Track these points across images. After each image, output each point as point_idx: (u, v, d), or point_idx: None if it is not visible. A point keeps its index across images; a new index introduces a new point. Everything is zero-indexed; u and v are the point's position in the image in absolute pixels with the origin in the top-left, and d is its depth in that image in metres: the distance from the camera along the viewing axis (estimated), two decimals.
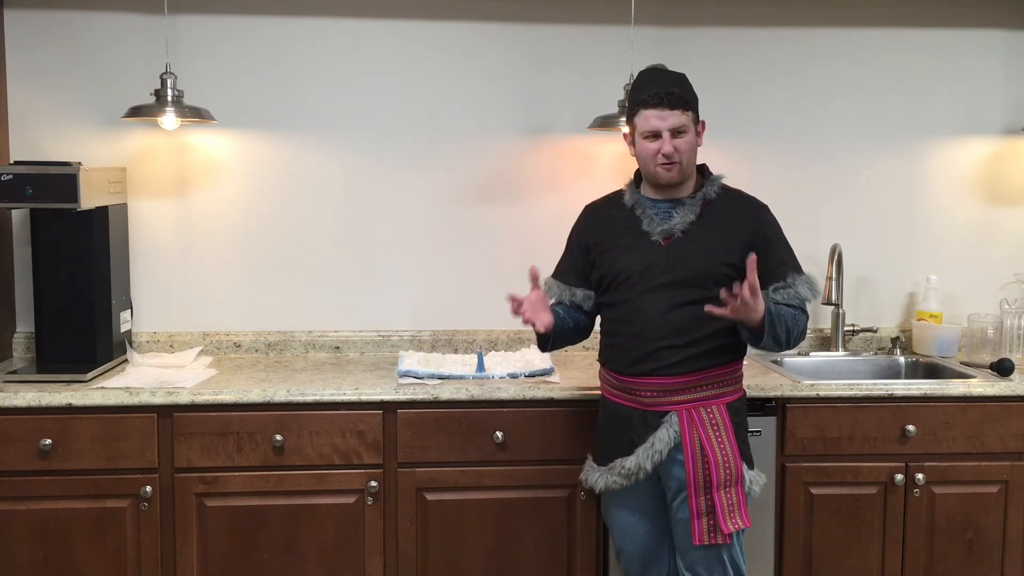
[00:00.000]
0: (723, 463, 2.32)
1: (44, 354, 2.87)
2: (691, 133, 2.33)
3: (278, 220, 3.17)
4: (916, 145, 3.33)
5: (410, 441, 2.68)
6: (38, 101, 3.06)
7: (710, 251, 2.32)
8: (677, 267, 2.32)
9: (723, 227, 2.35)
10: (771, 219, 2.41)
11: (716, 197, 2.38)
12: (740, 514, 2.33)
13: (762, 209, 2.41)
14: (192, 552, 2.66)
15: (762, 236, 2.36)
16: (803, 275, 2.38)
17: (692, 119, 2.33)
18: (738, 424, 2.38)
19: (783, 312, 2.31)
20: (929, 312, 3.25)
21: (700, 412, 2.33)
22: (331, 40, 3.13)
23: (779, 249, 2.38)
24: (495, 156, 3.22)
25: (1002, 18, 3.30)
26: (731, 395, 2.39)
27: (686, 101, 2.31)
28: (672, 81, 2.34)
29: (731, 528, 2.31)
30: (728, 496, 2.32)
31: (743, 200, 2.42)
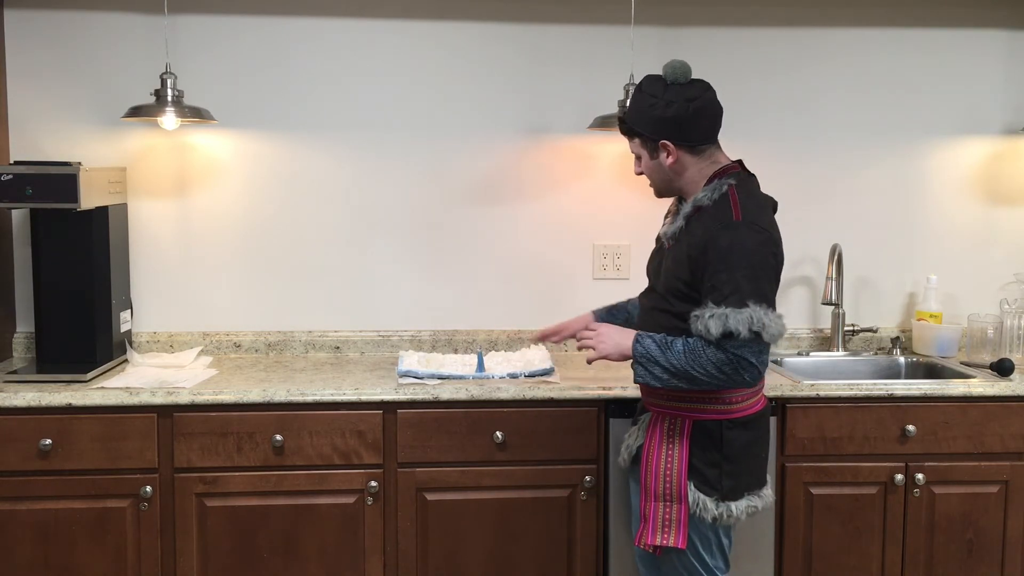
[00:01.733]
0: (664, 475, 2.25)
1: (44, 354, 2.87)
2: (644, 157, 2.29)
3: (278, 220, 3.17)
4: (916, 145, 3.33)
5: (410, 441, 2.68)
6: (38, 101, 3.06)
7: (674, 263, 2.26)
8: (658, 274, 2.34)
9: (688, 240, 2.21)
10: (727, 239, 2.12)
11: (709, 204, 2.21)
12: (676, 533, 2.23)
13: (724, 228, 2.14)
14: (192, 552, 2.66)
15: (703, 256, 2.15)
16: (724, 309, 2.09)
17: (641, 144, 2.28)
18: (702, 445, 2.24)
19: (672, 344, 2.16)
20: (929, 312, 3.25)
21: (664, 420, 2.29)
22: (331, 40, 3.13)
23: (716, 273, 2.12)
24: (495, 156, 3.22)
25: (1002, 18, 3.30)
26: (705, 414, 2.24)
27: (628, 130, 2.30)
28: (630, 106, 2.32)
29: (656, 541, 2.24)
30: (667, 510, 2.25)
31: (716, 213, 2.18)
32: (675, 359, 2.15)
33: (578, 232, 3.25)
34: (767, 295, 2.14)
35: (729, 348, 2.10)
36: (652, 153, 2.28)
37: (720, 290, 2.11)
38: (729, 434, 2.24)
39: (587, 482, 2.72)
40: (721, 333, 2.09)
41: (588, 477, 2.72)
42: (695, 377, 2.14)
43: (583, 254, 3.27)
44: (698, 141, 2.25)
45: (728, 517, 2.24)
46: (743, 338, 2.09)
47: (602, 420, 2.72)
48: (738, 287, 2.10)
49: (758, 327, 2.08)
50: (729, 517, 2.24)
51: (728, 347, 2.10)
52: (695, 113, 2.23)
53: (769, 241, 2.17)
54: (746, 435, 2.27)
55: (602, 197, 3.24)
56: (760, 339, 2.11)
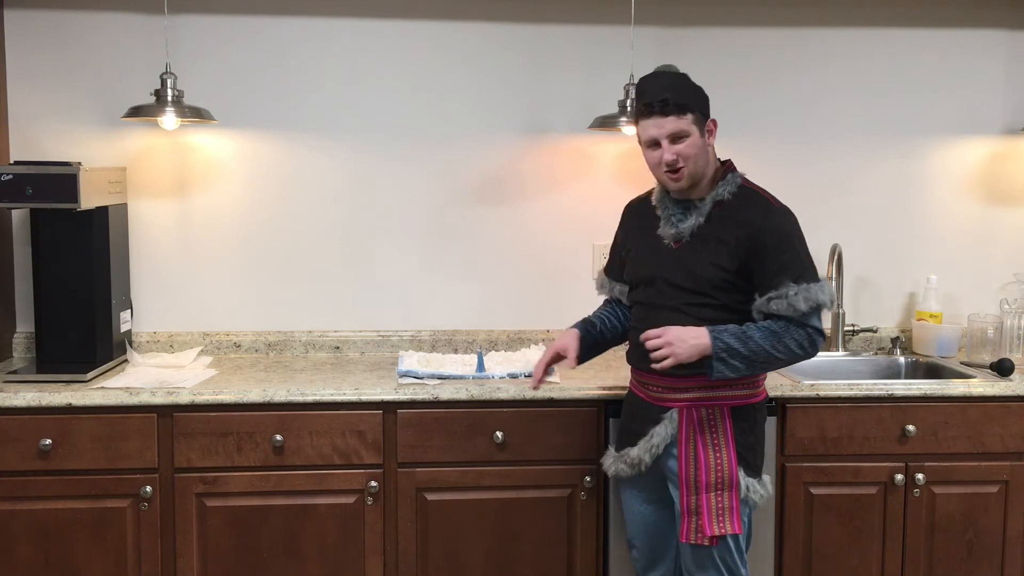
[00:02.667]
0: (715, 466, 2.29)
1: (44, 354, 2.87)
2: (693, 135, 2.25)
3: (278, 220, 3.17)
4: (916, 145, 3.33)
5: (410, 441, 2.68)
6: (38, 101, 3.06)
7: (710, 255, 2.27)
8: (682, 273, 2.30)
9: (726, 230, 2.27)
10: (778, 223, 2.27)
11: (730, 198, 2.29)
12: (730, 519, 2.28)
13: (769, 212, 2.28)
14: (192, 552, 2.66)
15: (760, 241, 2.24)
16: (805, 285, 2.22)
17: (693, 121, 2.25)
18: (743, 429, 2.33)
19: (750, 333, 2.22)
20: (929, 312, 3.25)
21: (701, 411, 2.31)
22: (331, 40, 3.13)
23: (780, 255, 2.23)
24: (495, 156, 3.22)
25: (1002, 18, 3.30)
26: (740, 399, 2.34)
27: (681, 105, 2.24)
28: (666, 87, 2.27)
29: (715, 531, 2.27)
30: (719, 500, 2.28)
31: (753, 202, 2.30)
32: (755, 346, 2.21)
33: (578, 232, 3.25)
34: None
35: (808, 322, 2.23)
36: (702, 132, 2.29)
37: (791, 269, 2.23)
38: (759, 415, 2.38)
39: (587, 482, 2.72)
40: (810, 307, 2.21)
41: (588, 477, 2.72)
42: (776, 360, 2.24)
43: (583, 254, 3.27)
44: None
45: (766, 495, 2.36)
46: (825, 309, 2.25)
47: (602, 420, 2.72)
48: (806, 265, 2.26)
49: (834, 297, 2.30)
50: (766, 495, 2.36)
51: (807, 321, 2.23)
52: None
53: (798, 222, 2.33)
54: (763, 415, 2.41)
55: (602, 197, 3.24)
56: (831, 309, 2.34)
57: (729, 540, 2.33)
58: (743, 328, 2.24)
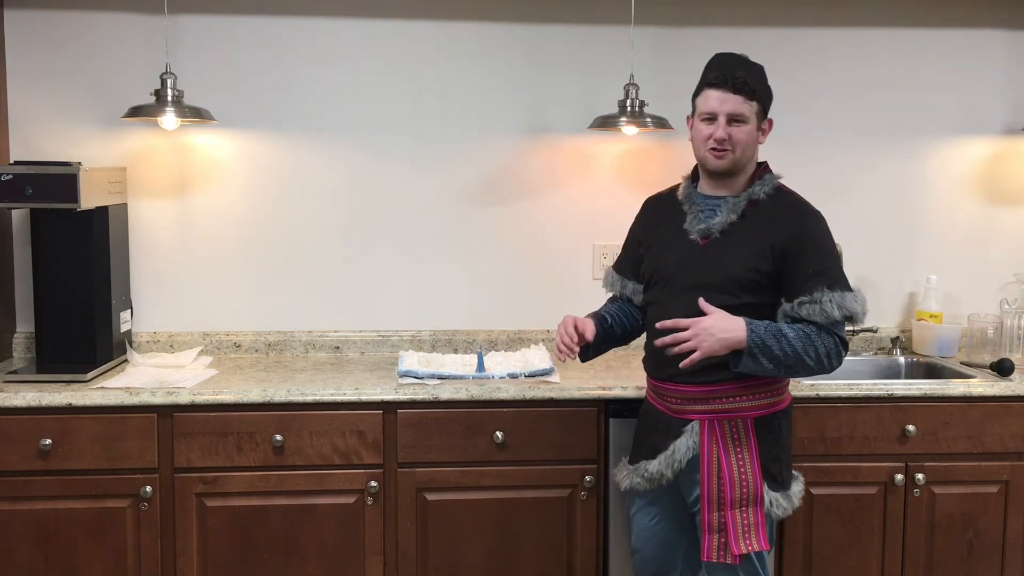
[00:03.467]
0: (739, 481, 2.21)
1: (44, 354, 2.87)
2: (751, 124, 2.22)
3: (278, 220, 3.17)
4: (916, 145, 3.33)
5: (410, 441, 2.68)
6: (38, 101, 3.06)
7: (741, 255, 2.21)
8: (708, 269, 2.23)
9: (760, 230, 2.21)
10: (814, 227, 2.23)
11: (765, 198, 2.25)
12: (757, 536, 2.20)
13: (806, 215, 2.24)
14: (192, 552, 2.66)
15: (797, 244, 2.19)
16: (838, 292, 2.17)
17: (756, 111, 2.22)
18: (767, 441, 2.25)
19: (785, 331, 2.15)
20: (929, 312, 3.25)
21: (723, 424, 2.23)
22: (331, 40, 3.13)
23: (815, 260, 2.18)
24: (495, 156, 3.22)
25: (1002, 18, 3.30)
26: (763, 409, 2.26)
27: (752, 89, 2.20)
28: (742, 66, 2.23)
29: (743, 549, 2.19)
30: (744, 516, 2.21)
31: (789, 203, 2.26)
32: (788, 347, 2.14)
33: (578, 232, 3.25)
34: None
35: (837, 332, 2.18)
36: (759, 124, 2.26)
37: (827, 275, 2.18)
38: (783, 424, 2.30)
39: (587, 482, 2.72)
40: (842, 315, 2.17)
41: (588, 477, 2.72)
42: (804, 365, 2.16)
43: (583, 254, 3.27)
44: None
45: (791, 508, 2.29)
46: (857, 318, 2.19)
47: (602, 420, 2.72)
48: (840, 273, 2.23)
49: (866, 308, 2.21)
50: (791, 508, 2.29)
51: (836, 331, 2.18)
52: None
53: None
54: (788, 423, 2.34)
55: (602, 197, 3.24)
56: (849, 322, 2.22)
57: (753, 556, 2.25)
58: (778, 326, 2.16)
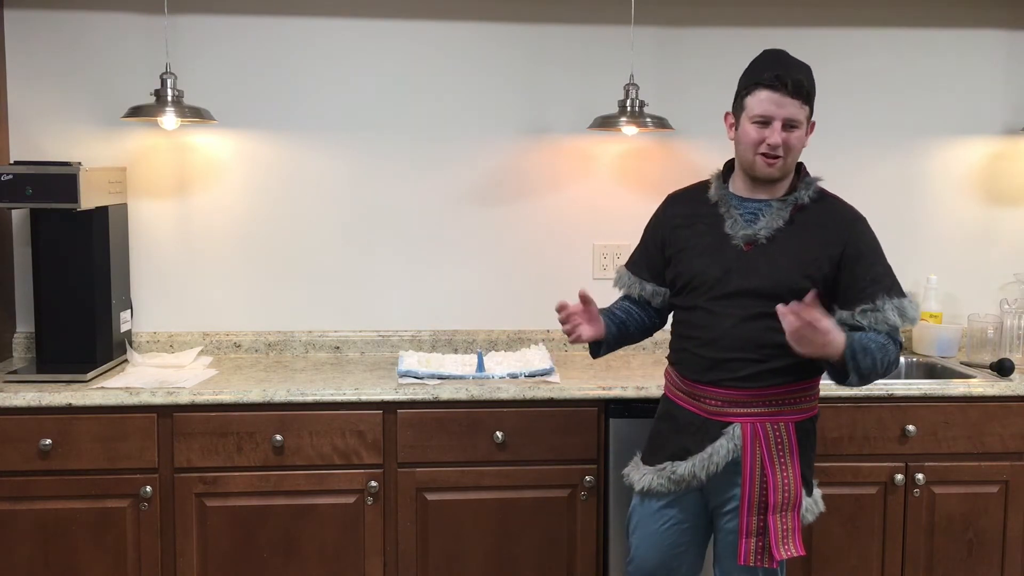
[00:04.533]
0: (783, 486, 2.16)
1: (44, 354, 2.87)
2: (802, 130, 2.16)
3: (278, 220, 3.17)
4: (916, 145, 3.33)
5: (410, 441, 2.68)
6: (38, 101, 3.06)
7: (794, 262, 2.14)
8: (757, 276, 2.15)
9: (812, 237, 2.15)
10: (867, 232, 2.19)
11: (809, 202, 2.19)
12: (794, 541, 2.16)
13: (858, 221, 2.19)
14: (192, 552, 2.66)
15: (854, 250, 2.14)
16: (896, 299, 2.13)
17: (807, 116, 2.17)
18: (807, 447, 2.22)
19: (869, 344, 2.07)
20: (929, 312, 3.25)
21: (766, 428, 2.17)
22: (331, 40, 3.13)
23: (873, 267, 2.14)
24: (495, 156, 3.22)
25: (1002, 18, 3.30)
26: (801, 413, 2.21)
27: (809, 94, 2.14)
28: (799, 68, 2.16)
29: (783, 555, 2.15)
30: (784, 521, 2.16)
31: (838, 209, 2.21)
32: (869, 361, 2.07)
33: (578, 232, 3.25)
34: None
35: (896, 337, 2.14)
36: (807, 126, 2.19)
37: (882, 282, 2.15)
38: (816, 428, 2.29)
39: (587, 482, 2.72)
40: (904, 322, 2.13)
41: (588, 477, 2.72)
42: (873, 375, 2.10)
43: (583, 254, 3.27)
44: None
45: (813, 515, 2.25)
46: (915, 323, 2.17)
47: (602, 420, 2.72)
48: (894, 279, 2.18)
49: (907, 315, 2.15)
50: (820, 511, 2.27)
51: (896, 337, 2.14)
52: None
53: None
54: (817, 428, 2.30)
55: (602, 197, 3.24)
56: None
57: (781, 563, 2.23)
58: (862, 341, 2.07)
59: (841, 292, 2.16)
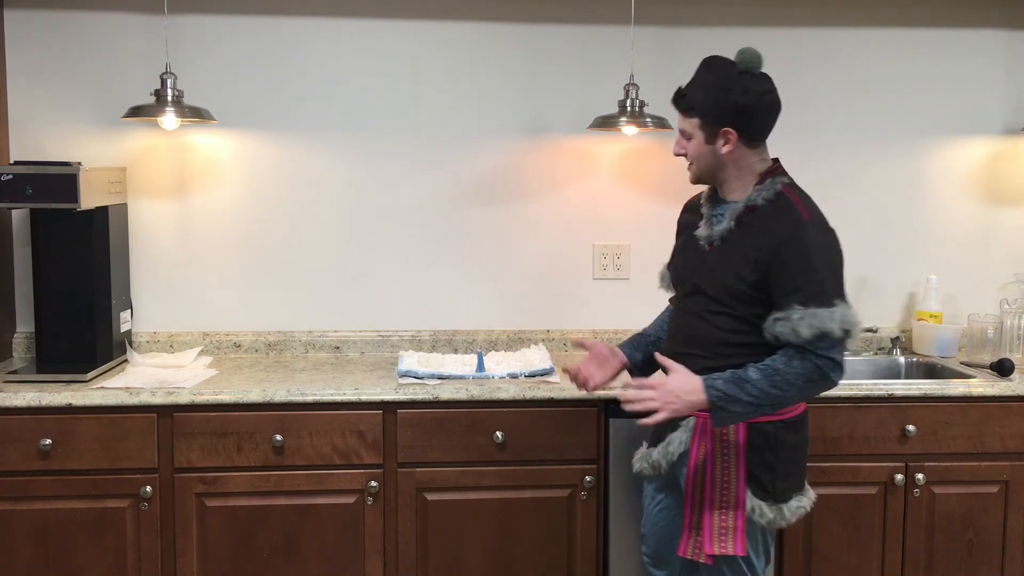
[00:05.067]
0: (721, 483, 2.18)
1: (44, 354, 2.87)
2: (696, 139, 2.20)
3: (278, 220, 3.17)
4: (916, 145, 3.33)
5: (410, 441, 2.68)
6: (38, 101, 3.06)
7: (732, 264, 2.17)
8: (707, 277, 2.22)
9: (750, 239, 2.15)
10: (802, 238, 2.10)
11: (764, 203, 2.17)
12: (733, 540, 2.17)
13: (795, 225, 2.12)
14: (192, 552, 2.66)
15: (781, 255, 2.10)
16: (813, 309, 2.05)
17: (699, 125, 2.19)
18: (757, 448, 2.18)
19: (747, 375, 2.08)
20: (929, 312, 3.25)
21: (717, 428, 2.18)
22: (331, 40, 3.13)
23: (796, 275, 2.08)
24: (495, 156, 3.21)
25: (1002, 18, 3.30)
26: (763, 417, 2.17)
27: (689, 105, 2.19)
28: (693, 81, 2.21)
29: (715, 551, 2.17)
30: (723, 519, 2.18)
31: (783, 211, 2.15)
32: (755, 390, 2.07)
33: (578, 232, 3.25)
34: (844, 293, 2.12)
35: (817, 351, 2.05)
36: (709, 137, 2.19)
37: (804, 290, 2.07)
38: (782, 436, 2.20)
39: (587, 482, 2.72)
40: (813, 335, 2.04)
41: (588, 477, 2.72)
42: (783, 398, 2.09)
43: (583, 254, 3.27)
44: (758, 135, 2.22)
45: (781, 520, 2.20)
46: (835, 338, 2.05)
47: (602, 420, 2.72)
48: (823, 287, 2.08)
49: (849, 325, 2.06)
50: (781, 520, 2.20)
51: (816, 350, 2.05)
52: (767, 107, 2.19)
53: (836, 240, 2.17)
54: (795, 437, 2.24)
55: (602, 197, 3.24)
56: (848, 338, 2.08)
57: (724, 564, 2.21)
58: (740, 372, 2.10)
59: (772, 298, 2.13)
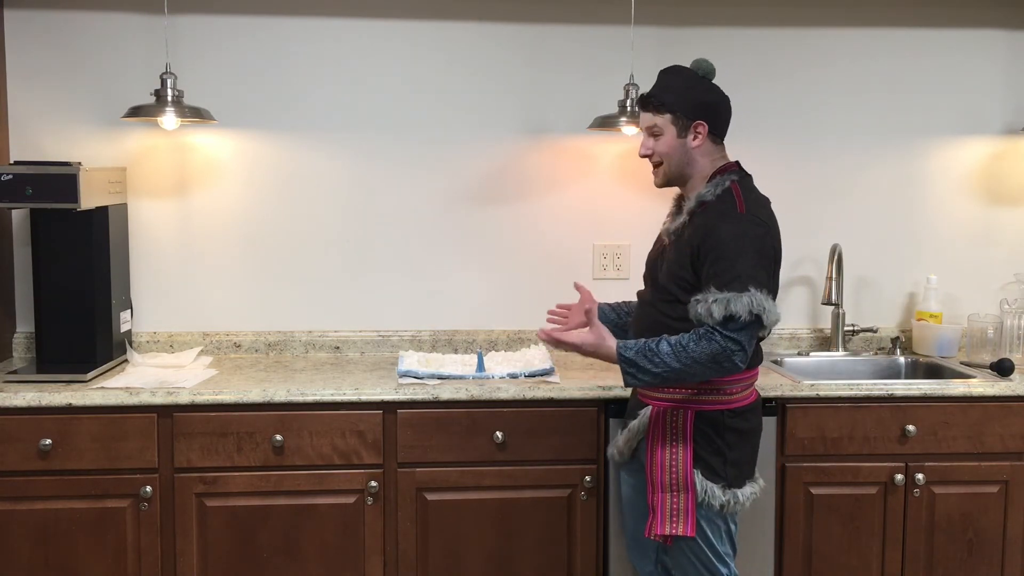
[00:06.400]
0: (670, 467, 2.30)
1: (44, 354, 2.87)
2: (667, 135, 2.31)
3: (278, 220, 3.17)
4: (916, 145, 3.33)
5: (410, 441, 2.68)
6: (38, 101, 3.06)
7: (677, 256, 2.30)
8: (663, 268, 2.35)
9: (689, 235, 2.28)
10: (725, 229, 2.20)
11: (713, 200, 2.28)
12: (684, 521, 2.29)
13: (724, 218, 2.23)
14: (192, 552, 2.66)
15: (705, 246, 2.21)
16: (726, 294, 2.15)
17: (672, 120, 2.30)
18: (705, 433, 2.29)
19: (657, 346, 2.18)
20: (929, 312, 3.25)
21: (666, 414, 2.32)
22: (331, 40, 3.13)
23: (716, 261, 2.19)
24: (495, 156, 3.22)
25: (1002, 18, 3.30)
26: (707, 405, 2.30)
27: (660, 103, 2.31)
28: (658, 82, 2.35)
29: (663, 531, 2.30)
30: (674, 501, 2.30)
31: (719, 206, 2.26)
32: (661, 363, 2.19)
33: (578, 232, 3.25)
34: (766, 283, 2.21)
35: (726, 332, 2.16)
36: (681, 132, 2.31)
37: (721, 276, 2.18)
38: (731, 423, 2.32)
39: (587, 482, 2.72)
40: (723, 316, 2.15)
41: (588, 477, 2.72)
42: (687, 373, 2.21)
43: (583, 254, 3.27)
44: (721, 132, 2.37)
45: (735, 504, 2.32)
46: (743, 321, 2.15)
47: (602, 420, 2.72)
48: (739, 274, 2.17)
49: (759, 310, 2.16)
50: (736, 504, 2.32)
51: (726, 332, 2.16)
52: (727, 107, 2.38)
53: (767, 234, 2.26)
54: (744, 424, 2.35)
55: (602, 197, 3.24)
56: (759, 323, 2.18)
57: (684, 545, 2.33)
58: (654, 343, 2.20)
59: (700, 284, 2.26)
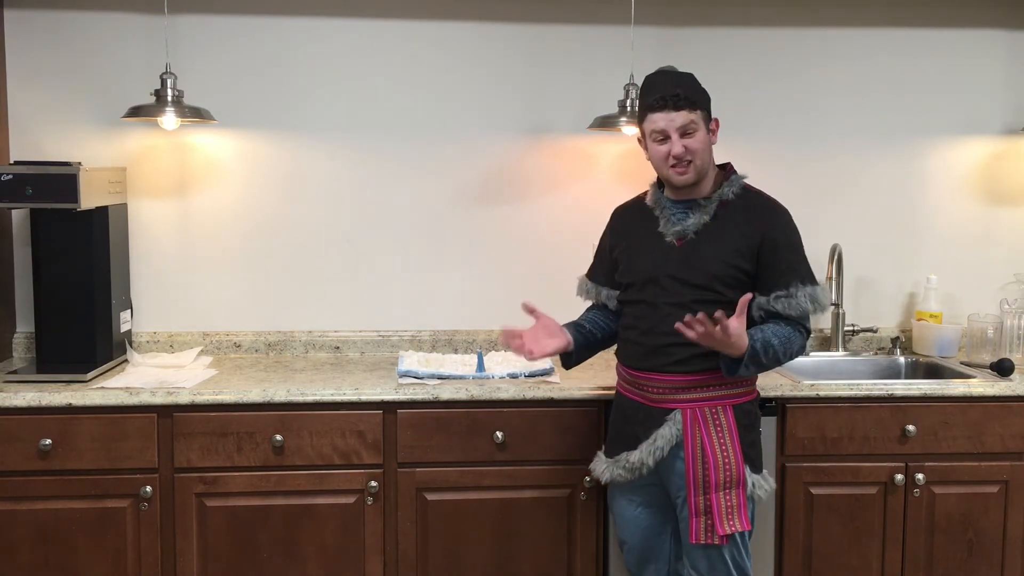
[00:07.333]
0: (723, 465, 2.31)
1: (44, 354, 2.87)
2: (701, 131, 2.32)
3: (278, 220, 3.17)
4: (916, 145, 3.33)
5: (410, 441, 2.68)
6: (38, 101, 3.06)
7: (719, 253, 2.31)
8: (688, 268, 2.33)
9: (735, 229, 2.32)
10: (784, 223, 2.36)
11: (734, 198, 2.36)
12: (739, 517, 2.31)
13: (776, 212, 2.37)
14: (192, 552, 2.66)
15: (771, 240, 2.31)
16: (809, 287, 2.31)
17: (702, 117, 2.32)
18: (745, 427, 2.36)
19: (771, 341, 2.26)
20: (929, 312, 3.25)
21: (705, 412, 2.33)
22: (331, 40, 3.13)
23: (789, 256, 2.33)
24: (495, 156, 3.22)
25: (1002, 18, 3.30)
26: (740, 397, 2.37)
27: (692, 101, 2.30)
28: (677, 82, 2.33)
29: (727, 530, 2.30)
30: (728, 498, 2.31)
31: (759, 202, 2.38)
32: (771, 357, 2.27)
33: (578, 232, 3.25)
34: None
35: (807, 325, 2.34)
36: (707, 129, 2.35)
37: (797, 270, 2.32)
38: (756, 412, 2.43)
39: (587, 482, 2.72)
40: (814, 309, 2.32)
41: (588, 477, 2.72)
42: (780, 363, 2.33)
43: (583, 254, 3.25)
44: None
45: (770, 489, 2.39)
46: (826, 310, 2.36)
47: (602, 420, 2.72)
48: (809, 267, 2.36)
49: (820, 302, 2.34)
50: (771, 489, 2.39)
51: (806, 324, 2.34)
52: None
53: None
54: (758, 411, 2.45)
55: (602, 197, 3.23)
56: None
57: (737, 537, 2.36)
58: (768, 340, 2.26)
59: (760, 279, 2.33)
